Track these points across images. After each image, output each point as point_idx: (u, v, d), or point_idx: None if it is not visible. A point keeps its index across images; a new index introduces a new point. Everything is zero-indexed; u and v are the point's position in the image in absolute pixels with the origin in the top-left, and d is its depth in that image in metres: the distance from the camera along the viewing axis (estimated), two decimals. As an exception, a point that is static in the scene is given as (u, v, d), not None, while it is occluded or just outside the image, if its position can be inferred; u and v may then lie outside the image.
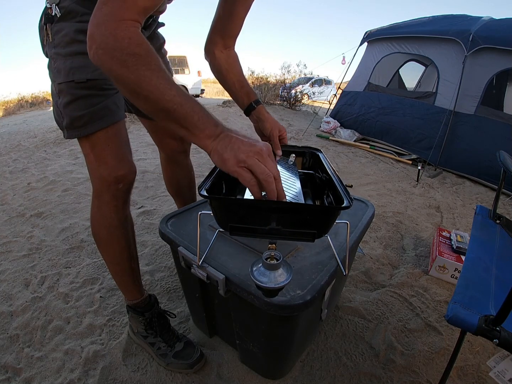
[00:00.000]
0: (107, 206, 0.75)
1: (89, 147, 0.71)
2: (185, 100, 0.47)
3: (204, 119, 0.48)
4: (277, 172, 0.47)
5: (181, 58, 7.63)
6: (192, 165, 1.16)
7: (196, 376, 0.88)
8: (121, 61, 0.44)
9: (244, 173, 0.46)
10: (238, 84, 0.86)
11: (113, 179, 0.71)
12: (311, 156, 0.93)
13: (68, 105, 0.67)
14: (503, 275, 0.69)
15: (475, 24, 2.93)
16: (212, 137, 0.48)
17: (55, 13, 0.63)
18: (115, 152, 0.72)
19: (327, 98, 8.82)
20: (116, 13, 0.44)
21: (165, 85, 0.46)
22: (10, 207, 1.93)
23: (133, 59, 0.44)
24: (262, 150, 0.47)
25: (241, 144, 0.47)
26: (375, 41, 3.88)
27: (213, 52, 0.85)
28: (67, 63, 0.65)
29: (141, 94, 0.46)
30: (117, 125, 0.72)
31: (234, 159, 0.46)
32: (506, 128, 2.64)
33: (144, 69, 0.44)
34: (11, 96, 9.40)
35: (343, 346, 1.00)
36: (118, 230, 0.79)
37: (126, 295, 0.90)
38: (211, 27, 0.83)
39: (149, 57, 0.45)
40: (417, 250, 1.57)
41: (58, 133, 3.76)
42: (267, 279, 0.45)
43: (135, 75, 0.44)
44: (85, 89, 0.66)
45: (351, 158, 3.28)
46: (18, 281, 1.26)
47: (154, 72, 0.45)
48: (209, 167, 2.62)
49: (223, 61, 0.85)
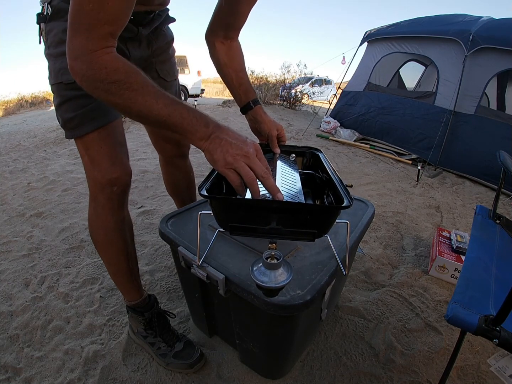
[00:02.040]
0: (103, 208, 0.75)
1: (83, 148, 0.71)
2: (172, 110, 0.49)
3: (193, 123, 0.50)
4: (264, 171, 0.50)
5: (181, 58, 7.62)
6: (191, 166, 1.15)
7: (196, 376, 0.88)
8: (105, 90, 0.46)
9: (231, 175, 0.49)
10: (237, 80, 0.82)
11: (107, 181, 0.70)
12: (311, 156, 0.93)
13: (59, 106, 0.67)
14: (503, 275, 0.69)
15: (475, 24, 2.93)
16: (203, 138, 0.51)
17: (47, 12, 0.63)
18: (109, 154, 0.70)
19: (327, 98, 8.83)
20: (85, 46, 0.45)
21: (151, 101, 0.48)
22: (10, 207, 1.93)
23: (115, 86, 0.46)
24: (249, 152, 0.50)
25: (230, 147, 0.49)
26: (375, 41, 3.88)
27: (213, 43, 0.80)
28: (57, 64, 0.64)
29: (132, 113, 0.49)
30: (111, 126, 0.71)
31: (223, 161, 0.49)
32: (506, 128, 2.65)
33: (128, 92, 0.46)
34: (11, 96, 9.41)
35: (343, 346, 1.00)
36: (114, 232, 0.78)
37: (125, 295, 0.90)
38: (213, 16, 0.77)
39: (129, 78, 0.47)
40: (417, 250, 1.57)
41: (58, 133, 3.77)
42: (268, 279, 0.45)
43: (121, 100, 0.47)
44: (74, 90, 0.65)
45: (351, 158, 3.28)
46: (18, 281, 1.26)
47: (138, 92, 0.47)
48: (209, 167, 2.61)
49: (223, 54, 0.81)
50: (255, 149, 0.51)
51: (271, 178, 0.51)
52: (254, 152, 0.50)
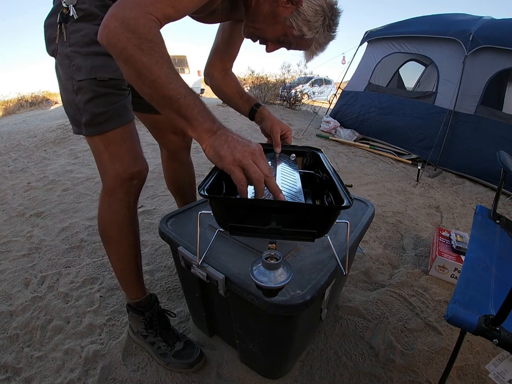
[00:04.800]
0: (120, 203, 0.76)
1: (104, 144, 0.72)
2: (188, 93, 0.49)
3: (203, 113, 0.51)
4: (269, 171, 0.51)
5: (181, 58, 7.63)
6: (192, 163, 1.16)
7: (196, 375, 0.88)
8: (137, 43, 0.46)
9: (238, 172, 0.49)
10: (238, 94, 0.94)
11: (128, 175, 0.73)
12: (311, 156, 0.93)
13: (89, 101, 0.68)
14: (502, 275, 0.69)
15: (475, 24, 2.93)
16: (209, 132, 0.51)
17: (72, 14, 0.65)
18: (131, 149, 0.74)
19: (327, 98, 8.83)
20: (146, 5, 0.48)
21: (173, 75, 0.49)
22: (10, 206, 1.92)
23: (149, 44, 0.47)
24: (255, 150, 0.51)
25: (237, 143, 0.50)
26: (375, 41, 3.88)
27: (213, 73, 0.94)
28: (88, 61, 0.66)
29: (148, 78, 0.48)
30: (132, 124, 0.76)
31: (231, 157, 0.49)
32: (506, 128, 2.65)
33: (157, 56, 0.47)
34: (10, 95, 9.40)
35: (343, 346, 1.00)
36: (128, 226, 0.81)
37: (128, 293, 0.90)
38: (211, 52, 0.93)
39: (163, 47, 0.49)
40: (417, 250, 1.57)
41: (58, 132, 3.76)
42: (267, 279, 0.45)
43: (147, 59, 0.47)
44: (106, 87, 0.68)
45: (351, 157, 3.28)
46: (18, 280, 1.26)
47: (165, 61, 0.48)
48: (209, 166, 2.62)
49: (221, 80, 0.95)
50: (260, 148, 0.52)
51: (274, 178, 0.52)
52: (259, 151, 0.51)
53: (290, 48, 0.74)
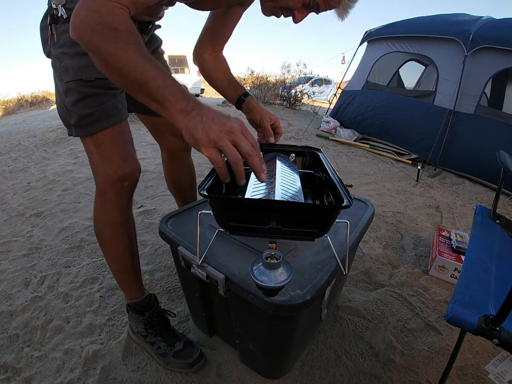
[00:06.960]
0: (111, 204, 0.76)
1: (94, 145, 0.71)
2: (158, 74, 0.47)
3: (176, 93, 0.47)
4: (250, 148, 0.46)
5: (181, 58, 7.63)
6: (193, 163, 1.16)
7: (196, 375, 0.88)
8: (101, 34, 0.46)
9: (214, 155, 0.45)
10: (226, 81, 0.90)
11: (119, 177, 0.72)
12: (311, 155, 0.93)
13: (76, 103, 0.68)
14: (502, 275, 0.69)
15: (475, 24, 2.93)
16: (183, 112, 0.47)
17: (61, 14, 0.65)
18: (121, 150, 0.73)
19: (327, 98, 8.83)
20: None
21: (140, 59, 0.47)
22: (10, 206, 1.92)
23: (113, 32, 0.46)
24: (233, 128, 0.46)
25: (212, 123, 0.45)
26: (375, 40, 3.87)
27: (202, 55, 0.91)
28: (75, 62, 0.66)
29: (115, 66, 0.47)
30: (123, 124, 0.74)
31: (206, 138, 0.45)
32: (506, 128, 2.64)
33: (122, 42, 0.46)
34: (10, 95, 9.39)
35: (343, 346, 1.00)
36: (122, 228, 0.80)
37: (127, 294, 0.90)
38: (202, 34, 0.89)
39: (128, 33, 0.47)
40: (417, 250, 1.57)
41: (57, 132, 3.76)
42: (267, 279, 0.45)
43: (112, 47, 0.46)
44: (93, 88, 0.67)
45: (351, 157, 3.28)
46: (18, 280, 1.26)
47: (131, 46, 0.47)
48: (209, 166, 2.61)
49: (211, 63, 0.91)
50: (240, 124, 0.48)
51: (257, 156, 0.47)
52: (239, 128, 0.47)
53: (319, 11, 0.66)
